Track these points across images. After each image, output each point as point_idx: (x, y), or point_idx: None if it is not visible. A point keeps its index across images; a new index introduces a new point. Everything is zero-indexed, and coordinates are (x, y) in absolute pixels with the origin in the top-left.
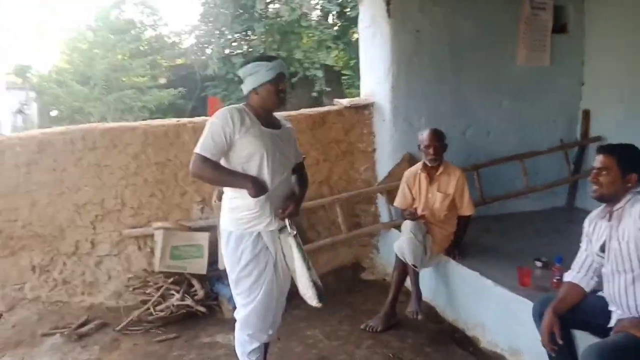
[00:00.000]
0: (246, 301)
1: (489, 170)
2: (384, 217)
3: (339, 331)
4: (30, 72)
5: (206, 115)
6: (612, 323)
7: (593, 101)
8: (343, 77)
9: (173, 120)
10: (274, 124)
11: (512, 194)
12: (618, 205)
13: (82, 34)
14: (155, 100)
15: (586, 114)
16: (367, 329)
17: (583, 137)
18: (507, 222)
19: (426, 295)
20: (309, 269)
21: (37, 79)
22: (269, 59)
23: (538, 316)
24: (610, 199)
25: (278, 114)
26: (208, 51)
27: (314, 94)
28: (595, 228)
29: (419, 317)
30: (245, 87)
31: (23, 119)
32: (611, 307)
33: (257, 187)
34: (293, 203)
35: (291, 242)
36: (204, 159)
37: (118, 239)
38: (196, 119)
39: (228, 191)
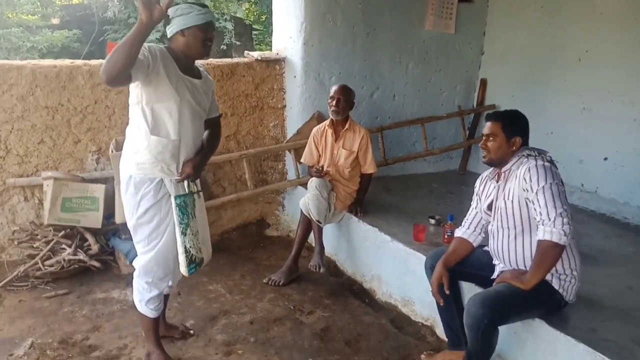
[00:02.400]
0: (146, 249)
1: (393, 132)
2: (291, 175)
3: (241, 285)
4: None
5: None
6: (495, 275)
7: (490, 70)
8: (254, 32)
9: (67, 61)
10: (193, 73)
11: (412, 156)
12: (505, 167)
13: None
14: (46, 41)
15: (483, 83)
16: (270, 282)
17: (479, 104)
18: (406, 182)
19: (328, 250)
20: (183, 234)
21: None
22: (202, 5)
23: (429, 269)
24: (498, 162)
25: (198, 64)
26: None
27: (223, 47)
28: (484, 187)
29: (322, 270)
30: (172, 28)
31: None
32: (495, 261)
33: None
34: (191, 164)
35: (172, 205)
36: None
37: (1, 188)
38: (93, 62)
39: (131, 133)
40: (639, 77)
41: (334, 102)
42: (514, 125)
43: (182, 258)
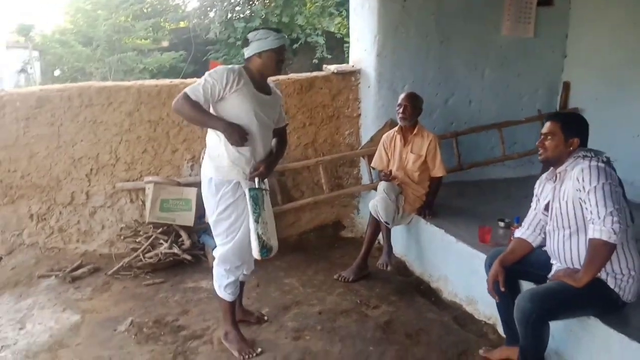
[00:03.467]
0: (224, 241)
1: (469, 137)
2: (365, 180)
3: (314, 280)
4: (34, 32)
5: None
6: (551, 274)
7: (574, 73)
8: (345, 45)
9: (166, 81)
10: (265, 89)
11: (489, 161)
12: (561, 168)
13: None
14: (156, 63)
15: (566, 86)
16: (340, 278)
17: (562, 108)
18: (483, 187)
19: (397, 251)
20: (256, 222)
21: (40, 39)
22: (277, 30)
23: (489, 267)
24: (554, 162)
25: (270, 81)
26: (211, 14)
27: (315, 61)
28: (543, 189)
29: (389, 268)
30: (250, 50)
31: (25, 78)
32: (552, 260)
33: (231, 131)
34: (264, 164)
35: (247, 197)
36: (188, 98)
37: (112, 191)
38: (188, 80)
39: (210, 140)
40: None
41: (401, 109)
42: (573, 126)
43: (255, 244)
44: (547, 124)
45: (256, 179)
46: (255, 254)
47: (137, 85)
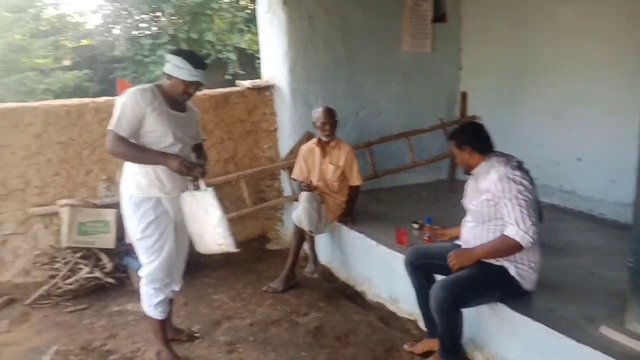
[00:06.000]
0: (150, 259)
1: (380, 147)
2: (287, 191)
3: (243, 294)
4: None
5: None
6: None
7: (469, 84)
8: (257, 60)
9: (75, 100)
10: (179, 106)
11: (400, 168)
12: (475, 170)
13: None
14: (59, 83)
15: (463, 96)
16: (269, 290)
17: (461, 116)
18: (396, 193)
19: (322, 259)
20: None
21: None
22: (198, 65)
23: (408, 265)
24: (468, 170)
25: None
26: (115, 32)
27: (228, 77)
28: (467, 187)
29: (316, 275)
30: (165, 68)
31: None
32: (462, 247)
33: (174, 163)
34: (201, 166)
35: (210, 197)
36: (119, 137)
37: (23, 217)
38: (98, 99)
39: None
40: (600, 82)
41: (327, 127)
42: (462, 137)
43: (231, 240)
44: (449, 145)
45: (202, 181)
46: (232, 248)
47: (44, 106)
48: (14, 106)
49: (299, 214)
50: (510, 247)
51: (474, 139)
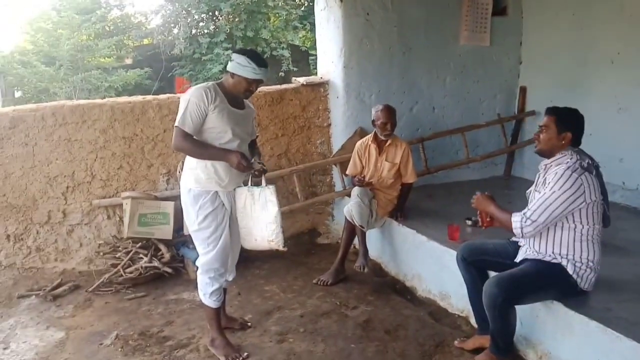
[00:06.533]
0: (207, 249)
1: (434, 142)
2: (338, 187)
3: (293, 286)
4: None
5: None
6: (518, 258)
7: (529, 78)
8: (311, 57)
9: (139, 97)
10: (238, 104)
11: (454, 164)
12: (548, 161)
13: (46, 13)
14: (121, 81)
15: (523, 90)
16: (319, 283)
17: (519, 111)
18: (449, 189)
19: (372, 254)
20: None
21: (0, 60)
22: (261, 63)
23: (461, 261)
24: (547, 154)
25: None
26: (175, 31)
27: (281, 74)
28: (537, 177)
29: (365, 270)
30: (229, 67)
31: None
32: (520, 242)
33: (234, 160)
34: (261, 164)
35: (269, 193)
36: (185, 134)
37: (88, 208)
38: (161, 96)
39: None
40: None
41: (388, 127)
42: (567, 121)
43: (281, 237)
44: (544, 117)
45: (263, 178)
46: (281, 246)
47: (110, 103)
48: (83, 103)
49: (350, 208)
50: (508, 228)
51: (577, 127)
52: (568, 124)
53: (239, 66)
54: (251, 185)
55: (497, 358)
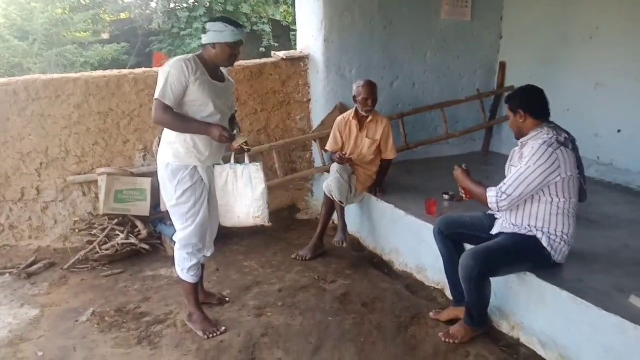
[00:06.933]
0: (185, 225)
1: (414, 118)
2: (318, 163)
3: (272, 261)
4: None
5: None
6: (494, 231)
7: (509, 53)
8: (292, 33)
9: (114, 72)
10: (219, 77)
11: (434, 139)
12: (524, 139)
13: None
14: (98, 56)
15: (502, 66)
16: (297, 257)
17: (499, 87)
18: (429, 164)
19: (351, 229)
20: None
21: None
22: (237, 25)
23: (438, 234)
24: (519, 135)
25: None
26: (153, 5)
27: (262, 49)
28: (512, 155)
29: (344, 245)
30: (206, 38)
31: None
32: (497, 215)
33: (216, 133)
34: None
35: (255, 170)
36: (165, 107)
37: (63, 185)
38: (137, 70)
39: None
40: None
41: (369, 102)
42: (515, 101)
43: (267, 213)
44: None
45: (246, 155)
46: (266, 221)
47: (85, 77)
48: (57, 77)
49: (329, 184)
50: (483, 203)
51: (529, 103)
52: (517, 103)
53: (218, 33)
54: (234, 162)
55: (472, 329)
